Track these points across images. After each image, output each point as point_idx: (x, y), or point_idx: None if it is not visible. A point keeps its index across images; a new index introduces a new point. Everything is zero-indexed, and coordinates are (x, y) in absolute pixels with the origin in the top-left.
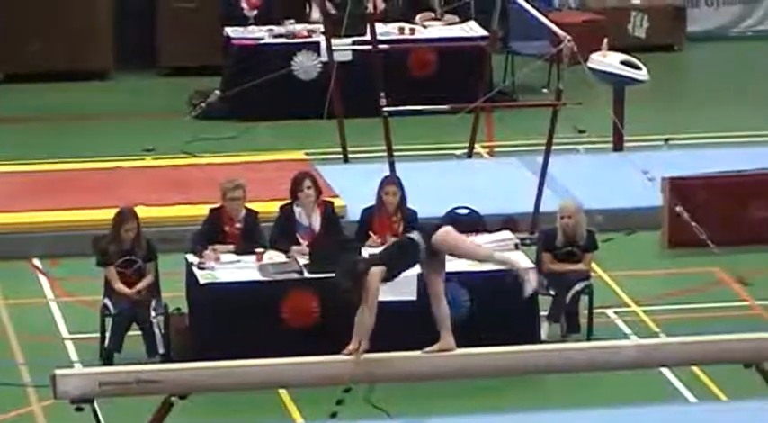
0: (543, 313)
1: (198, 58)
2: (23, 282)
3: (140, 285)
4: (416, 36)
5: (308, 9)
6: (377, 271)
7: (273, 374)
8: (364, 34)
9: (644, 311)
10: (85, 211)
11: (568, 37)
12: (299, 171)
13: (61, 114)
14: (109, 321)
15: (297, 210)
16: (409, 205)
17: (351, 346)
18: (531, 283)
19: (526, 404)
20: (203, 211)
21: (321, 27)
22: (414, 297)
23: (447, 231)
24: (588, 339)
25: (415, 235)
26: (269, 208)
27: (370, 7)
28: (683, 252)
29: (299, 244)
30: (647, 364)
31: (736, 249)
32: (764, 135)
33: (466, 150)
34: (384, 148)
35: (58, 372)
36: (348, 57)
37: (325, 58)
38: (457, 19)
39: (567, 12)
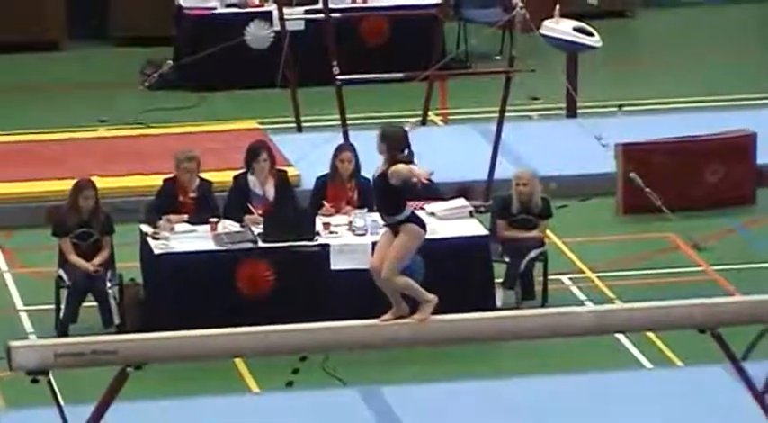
0: (498, 280)
1: (150, 28)
2: None
3: (97, 260)
4: (369, 4)
5: None
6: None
7: (229, 344)
8: (316, 3)
9: (599, 278)
10: (39, 182)
11: (520, 4)
12: (255, 141)
13: (14, 86)
14: (64, 293)
15: (251, 179)
16: (363, 174)
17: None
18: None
19: (481, 372)
20: (157, 181)
21: None
22: (368, 265)
23: (418, 233)
24: (543, 306)
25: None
26: (223, 178)
27: None
28: (637, 218)
29: (252, 213)
30: (602, 331)
31: (691, 215)
32: (717, 100)
33: (420, 118)
34: (338, 116)
35: (13, 344)
36: (301, 26)
37: (277, 27)
38: None
39: None
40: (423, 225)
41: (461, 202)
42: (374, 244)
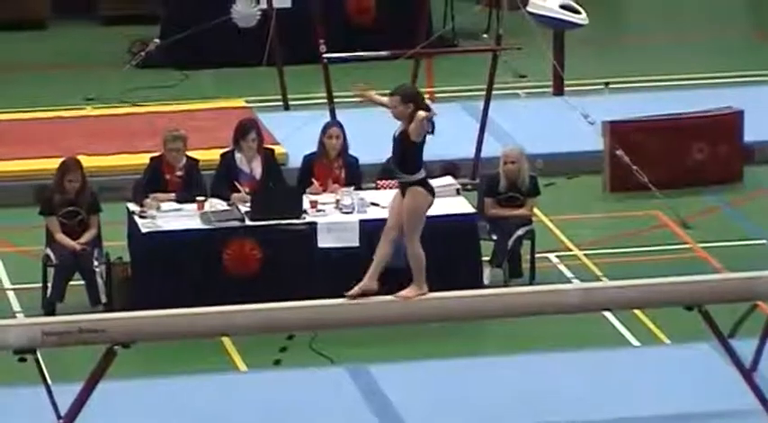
0: (485, 258)
1: (136, 7)
2: None
3: (84, 238)
4: None
5: None
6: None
7: (216, 322)
8: None
9: (586, 255)
10: (26, 161)
11: None
12: (245, 119)
13: (0, 64)
14: (51, 271)
15: (238, 157)
16: (351, 152)
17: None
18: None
19: (469, 350)
20: (144, 159)
21: None
22: (356, 243)
23: (424, 196)
24: (531, 284)
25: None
26: (210, 156)
27: None
28: (624, 196)
29: (240, 191)
30: (590, 308)
31: (678, 192)
32: (703, 78)
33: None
34: (324, 95)
35: (0, 322)
36: (287, 3)
37: (264, 5)
38: None
39: None
40: (431, 191)
41: (448, 179)
42: (361, 222)
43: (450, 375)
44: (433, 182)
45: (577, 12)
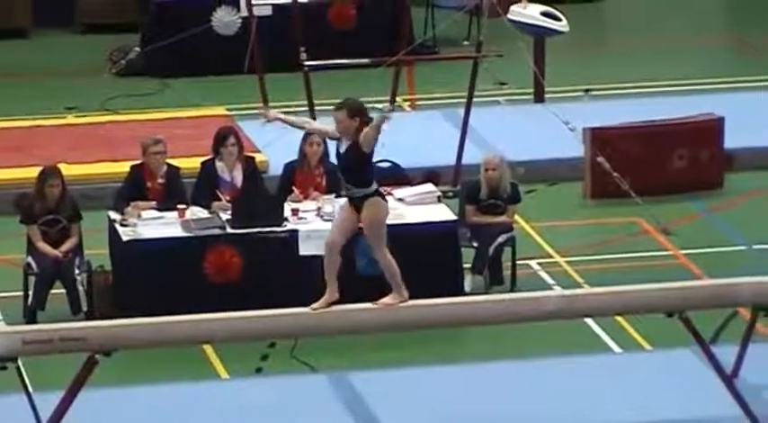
0: (467, 266)
1: (116, 15)
2: None
3: (65, 247)
4: None
5: None
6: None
7: (198, 330)
8: None
9: (567, 262)
10: (6, 169)
11: None
12: (222, 126)
13: None
14: (32, 280)
15: (218, 165)
16: (331, 159)
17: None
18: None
19: (450, 357)
20: (125, 167)
21: None
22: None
23: (383, 205)
24: (512, 291)
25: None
26: (191, 164)
27: None
28: (605, 202)
29: (220, 199)
30: (571, 315)
31: (658, 199)
32: (683, 84)
33: (387, 104)
34: (305, 102)
35: None
36: (268, 11)
37: (244, 13)
38: None
39: None
40: (385, 199)
41: (429, 187)
42: None
43: (431, 382)
44: (414, 189)
45: (558, 19)
